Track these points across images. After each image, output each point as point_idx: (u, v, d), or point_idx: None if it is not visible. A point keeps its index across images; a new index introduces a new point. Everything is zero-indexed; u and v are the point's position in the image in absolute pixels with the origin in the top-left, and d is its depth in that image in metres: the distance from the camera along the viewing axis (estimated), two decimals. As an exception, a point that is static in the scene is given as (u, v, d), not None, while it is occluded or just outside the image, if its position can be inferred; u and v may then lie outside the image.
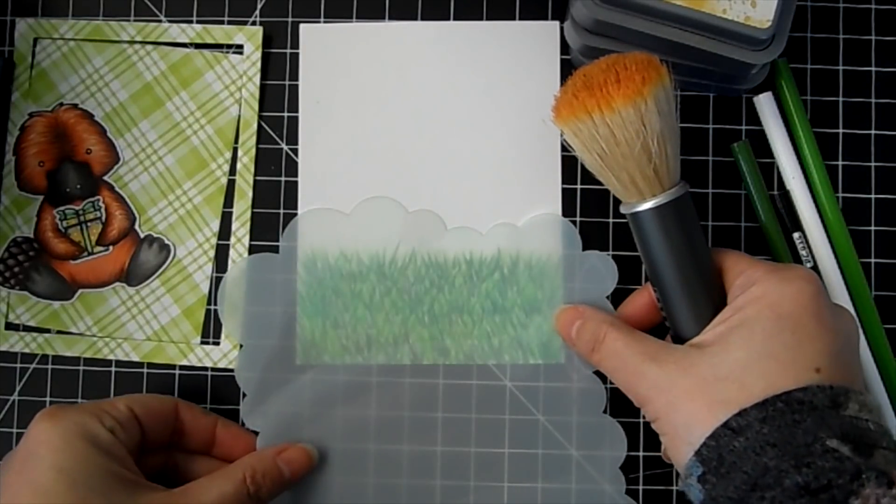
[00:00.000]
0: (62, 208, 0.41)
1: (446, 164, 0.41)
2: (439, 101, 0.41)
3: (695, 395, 0.30)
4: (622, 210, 0.34)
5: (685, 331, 0.34)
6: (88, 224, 0.41)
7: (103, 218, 0.41)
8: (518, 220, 0.40)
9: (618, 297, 0.39)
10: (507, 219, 0.40)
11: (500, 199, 0.40)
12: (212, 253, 0.41)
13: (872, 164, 0.41)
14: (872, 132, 0.41)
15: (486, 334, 0.39)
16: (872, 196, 0.41)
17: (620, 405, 0.39)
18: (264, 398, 0.39)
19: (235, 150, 0.42)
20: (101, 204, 0.42)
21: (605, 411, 0.39)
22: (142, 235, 0.41)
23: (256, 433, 0.39)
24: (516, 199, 0.41)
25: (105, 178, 0.42)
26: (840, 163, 0.41)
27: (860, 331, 0.37)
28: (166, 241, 0.41)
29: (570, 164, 0.41)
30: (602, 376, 0.39)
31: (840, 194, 0.41)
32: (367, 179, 0.41)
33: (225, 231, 0.41)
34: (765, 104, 0.40)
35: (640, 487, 0.40)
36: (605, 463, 0.38)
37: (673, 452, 0.32)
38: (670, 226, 0.33)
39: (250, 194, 0.41)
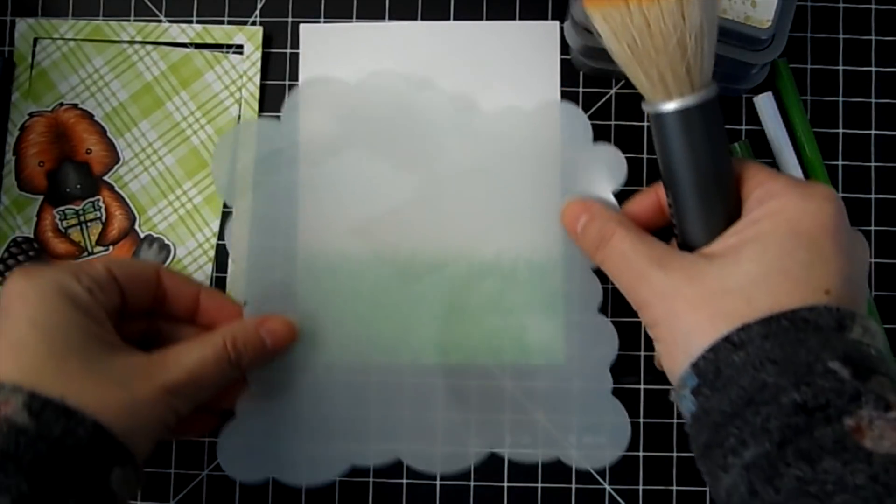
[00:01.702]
0: (62, 208, 0.41)
1: (445, 164, 0.41)
2: (439, 102, 0.41)
3: (698, 305, 0.29)
4: (644, 108, 0.32)
5: (695, 239, 0.32)
6: (88, 224, 0.41)
7: (103, 218, 0.42)
8: (517, 220, 0.39)
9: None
10: (506, 218, 0.40)
11: (500, 201, 0.40)
12: (212, 253, 0.41)
13: (872, 164, 0.41)
14: (872, 132, 0.41)
15: (486, 334, 0.39)
16: (872, 196, 0.41)
17: (622, 400, 0.39)
18: (263, 400, 0.39)
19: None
20: (101, 204, 0.42)
21: (599, 311, 0.38)
22: (142, 235, 0.41)
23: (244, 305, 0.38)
24: (517, 199, 0.40)
25: (105, 178, 0.42)
26: (840, 163, 0.41)
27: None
28: (166, 241, 0.41)
29: (570, 164, 0.41)
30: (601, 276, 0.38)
31: (840, 194, 0.41)
32: (365, 179, 0.41)
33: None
34: (765, 104, 0.40)
35: (640, 487, 0.40)
36: (595, 363, 0.38)
37: (668, 361, 0.31)
38: (695, 130, 0.31)
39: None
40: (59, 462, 0.28)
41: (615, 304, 0.39)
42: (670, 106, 0.30)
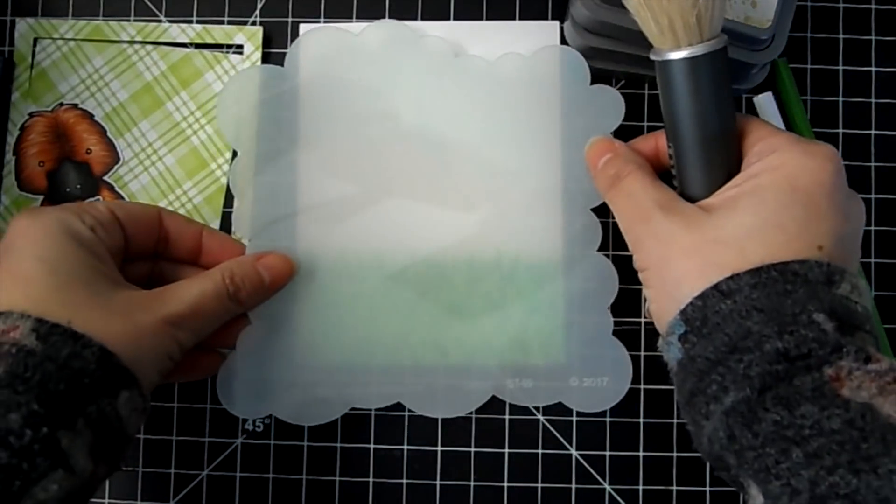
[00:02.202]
0: (62, 208, 0.41)
1: (446, 163, 0.41)
2: (439, 102, 0.41)
3: (691, 253, 0.30)
4: (652, 56, 0.32)
5: (695, 191, 0.32)
6: (88, 224, 0.41)
7: (103, 218, 0.41)
8: (517, 219, 0.39)
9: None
10: (506, 217, 0.40)
11: (500, 200, 0.40)
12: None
13: (872, 164, 0.41)
14: (872, 132, 0.41)
15: (486, 334, 0.39)
16: (872, 196, 0.41)
17: (621, 406, 0.39)
18: (262, 400, 0.39)
19: (235, 151, 0.42)
20: (101, 204, 0.42)
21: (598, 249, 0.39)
22: (142, 235, 0.41)
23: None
24: (516, 199, 0.41)
25: (105, 178, 0.42)
26: (840, 163, 0.41)
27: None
28: (166, 241, 0.41)
29: (570, 164, 0.41)
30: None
31: (840, 194, 0.41)
32: (366, 180, 0.41)
33: (225, 231, 0.41)
34: (765, 104, 0.41)
35: (640, 487, 0.40)
36: (595, 299, 0.38)
37: (656, 308, 0.31)
38: (701, 80, 0.31)
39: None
40: (68, 382, 0.28)
41: (615, 304, 0.39)
42: (678, 54, 0.30)
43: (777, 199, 0.29)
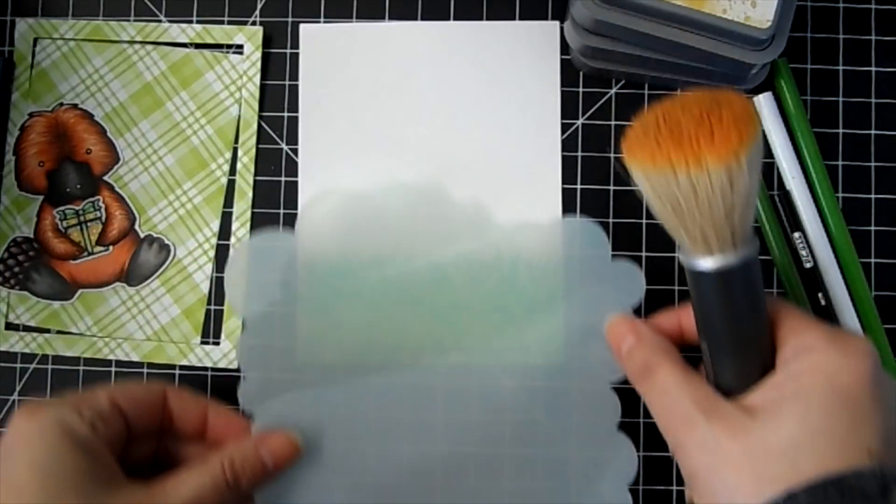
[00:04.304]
0: (62, 208, 0.42)
1: (446, 163, 0.41)
2: (439, 102, 0.41)
3: (742, 465, 0.29)
4: (681, 260, 0.31)
5: (729, 385, 0.32)
6: (88, 224, 0.42)
7: (103, 218, 0.42)
8: (519, 219, 0.39)
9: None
10: (505, 218, 0.40)
11: (500, 199, 0.40)
12: (212, 253, 0.41)
13: (872, 164, 0.41)
14: (872, 132, 0.41)
15: (486, 334, 0.39)
16: (872, 196, 0.41)
17: (621, 407, 0.39)
18: (263, 393, 0.39)
19: (235, 150, 0.42)
20: (101, 204, 0.42)
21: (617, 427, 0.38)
22: (142, 235, 0.41)
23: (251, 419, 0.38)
24: (516, 199, 0.41)
25: (105, 178, 0.42)
26: (840, 163, 0.41)
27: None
28: (166, 241, 0.41)
29: (569, 165, 0.41)
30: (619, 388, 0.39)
31: (840, 194, 0.41)
32: (366, 179, 0.41)
33: (225, 231, 0.41)
34: (765, 104, 0.41)
35: (640, 487, 0.40)
36: (604, 462, 0.38)
37: None
38: (735, 289, 0.30)
39: (250, 194, 0.41)
40: None
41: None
42: (712, 265, 0.30)
43: (822, 404, 0.29)
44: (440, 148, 0.41)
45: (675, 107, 0.30)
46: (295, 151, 0.41)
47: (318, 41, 0.41)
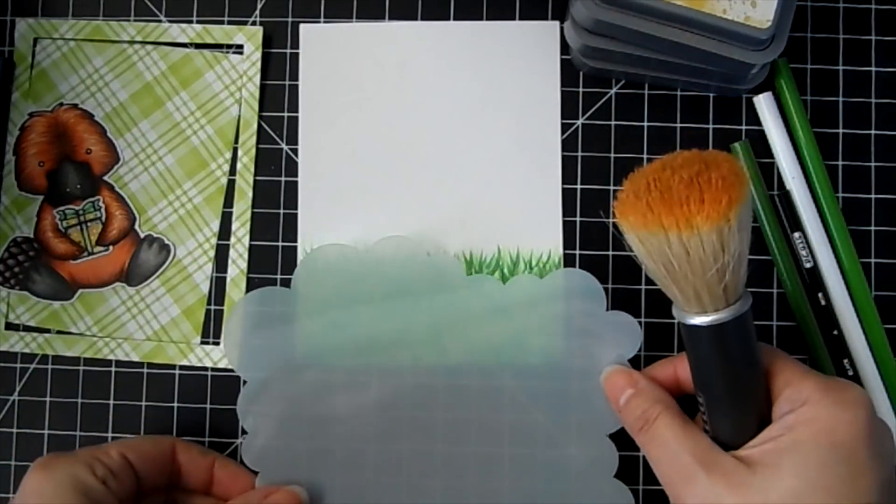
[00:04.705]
0: (62, 208, 0.41)
1: (446, 163, 0.41)
2: (439, 101, 0.41)
3: None
4: (675, 315, 0.32)
5: (726, 436, 0.32)
6: (88, 224, 0.41)
7: (103, 218, 0.41)
8: (518, 218, 0.39)
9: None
10: (506, 217, 0.40)
11: (500, 199, 0.40)
12: (212, 253, 0.41)
13: (872, 164, 0.41)
14: (872, 132, 0.41)
15: (486, 334, 0.39)
16: (872, 196, 0.41)
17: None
18: (262, 397, 0.39)
19: (235, 150, 0.42)
20: (101, 204, 0.42)
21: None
22: (142, 235, 0.41)
23: (256, 473, 0.38)
24: (516, 199, 0.41)
25: (105, 178, 0.42)
26: (840, 163, 0.41)
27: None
28: (166, 241, 0.41)
29: (569, 165, 0.41)
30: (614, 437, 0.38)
31: (840, 194, 0.41)
32: (366, 179, 0.41)
33: (225, 231, 0.41)
34: (765, 104, 0.40)
35: (640, 487, 0.40)
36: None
37: None
38: (730, 343, 0.31)
39: (250, 194, 0.41)
40: None
41: (615, 304, 0.39)
42: (705, 320, 0.30)
43: (818, 458, 0.29)
44: (440, 148, 0.41)
45: (665, 169, 0.30)
46: (295, 151, 0.41)
47: (318, 41, 0.41)
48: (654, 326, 0.40)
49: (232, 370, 0.40)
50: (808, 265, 0.40)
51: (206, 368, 0.41)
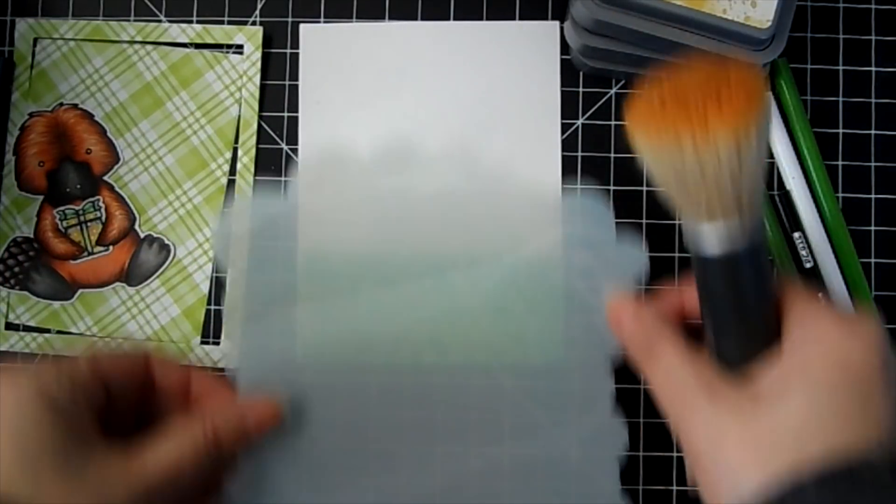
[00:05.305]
0: (62, 208, 0.41)
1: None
2: (439, 101, 0.41)
3: (746, 444, 0.28)
4: (687, 244, 0.30)
5: (731, 357, 0.31)
6: (88, 224, 0.42)
7: (103, 218, 0.42)
8: (517, 218, 0.39)
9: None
10: (506, 214, 0.40)
11: (500, 200, 0.40)
12: (212, 253, 0.41)
13: (872, 164, 0.41)
14: (872, 132, 0.41)
15: (486, 334, 0.39)
16: (872, 196, 0.41)
17: (621, 407, 0.39)
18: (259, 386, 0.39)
19: (235, 150, 0.42)
20: (101, 204, 0.42)
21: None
22: (142, 235, 0.41)
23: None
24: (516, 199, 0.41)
25: (105, 178, 0.42)
26: (840, 163, 0.41)
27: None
28: (166, 241, 0.41)
29: (569, 165, 0.41)
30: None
31: (840, 194, 0.41)
32: (366, 178, 0.41)
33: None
34: (765, 104, 0.40)
35: (640, 487, 0.40)
36: (604, 462, 0.38)
37: (707, 490, 0.30)
38: (741, 274, 0.29)
39: (250, 194, 0.41)
40: None
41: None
42: (716, 250, 0.29)
43: (830, 384, 0.28)
44: (440, 147, 0.41)
45: (681, 76, 0.29)
46: (295, 151, 0.41)
47: (318, 41, 0.42)
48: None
49: (232, 371, 0.40)
50: (808, 265, 0.40)
51: (206, 368, 0.41)
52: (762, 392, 0.29)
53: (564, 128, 0.41)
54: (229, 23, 0.42)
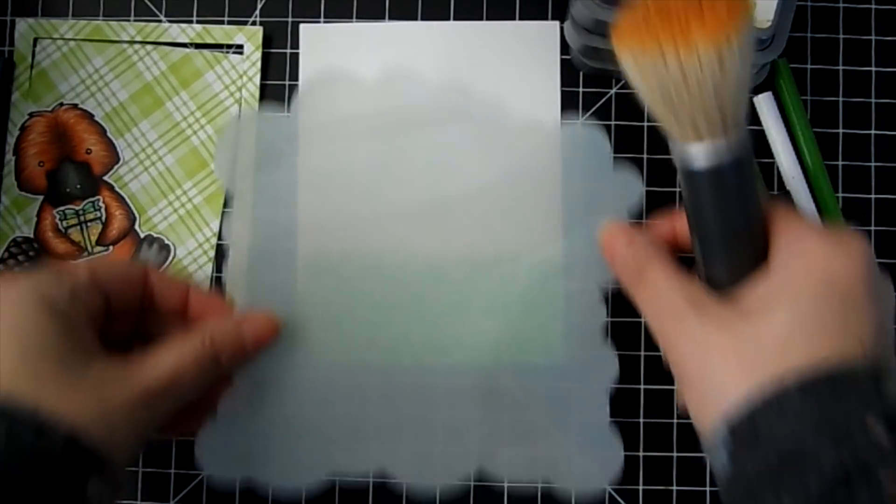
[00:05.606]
0: (62, 208, 0.42)
1: (445, 163, 0.41)
2: (438, 102, 0.41)
3: (730, 355, 0.29)
4: (673, 158, 0.31)
5: (720, 279, 0.31)
6: (88, 224, 0.42)
7: (103, 218, 0.42)
8: (516, 217, 0.39)
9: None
10: (506, 214, 0.40)
11: (500, 199, 0.40)
12: (212, 253, 0.41)
13: (872, 164, 0.41)
14: (872, 132, 0.41)
15: (486, 334, 0.39)
16: (872, 196, 0.41)
17: (621, 406, 0.39)
18: (260, 393, 0.39)
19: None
20: (101, 204, 0.42)
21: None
22: (142, 235, 0.41)
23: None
24: (516, 199, 0.41)
25: (105, 178, 0.42)
26: (840, 163, 0.41)
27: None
28: (166, 241, 0.41)
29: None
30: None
31: (840, 194, 0.41)
32: (366, 178, 0.41)
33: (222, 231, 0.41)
34: (765, 104, 0.41)
35: (640, 487, 0.40)
36: (596, 388, 0.38)
37: (696, 408, 0.30)
38: (728, 188, 0.29)
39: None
40: (31, 474, 0.28)
41: (616, 305, 0.39)
42: (702, 161, 0.29)
43: (815, 296, 0.28)
44: (439, 147, 0.41)
45: None
46: (295, 151, 0.41)
47: (318, 41, 0.42)
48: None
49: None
50: (808, 265, 0.40)
51: (206, 368, 0.41)
52: (749, 307, 0.30)
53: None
54: (229, 23, 0.42)
